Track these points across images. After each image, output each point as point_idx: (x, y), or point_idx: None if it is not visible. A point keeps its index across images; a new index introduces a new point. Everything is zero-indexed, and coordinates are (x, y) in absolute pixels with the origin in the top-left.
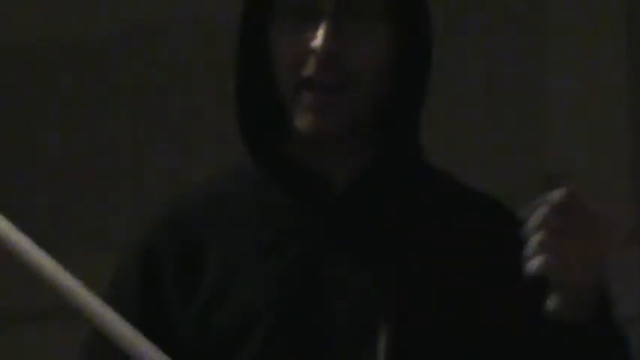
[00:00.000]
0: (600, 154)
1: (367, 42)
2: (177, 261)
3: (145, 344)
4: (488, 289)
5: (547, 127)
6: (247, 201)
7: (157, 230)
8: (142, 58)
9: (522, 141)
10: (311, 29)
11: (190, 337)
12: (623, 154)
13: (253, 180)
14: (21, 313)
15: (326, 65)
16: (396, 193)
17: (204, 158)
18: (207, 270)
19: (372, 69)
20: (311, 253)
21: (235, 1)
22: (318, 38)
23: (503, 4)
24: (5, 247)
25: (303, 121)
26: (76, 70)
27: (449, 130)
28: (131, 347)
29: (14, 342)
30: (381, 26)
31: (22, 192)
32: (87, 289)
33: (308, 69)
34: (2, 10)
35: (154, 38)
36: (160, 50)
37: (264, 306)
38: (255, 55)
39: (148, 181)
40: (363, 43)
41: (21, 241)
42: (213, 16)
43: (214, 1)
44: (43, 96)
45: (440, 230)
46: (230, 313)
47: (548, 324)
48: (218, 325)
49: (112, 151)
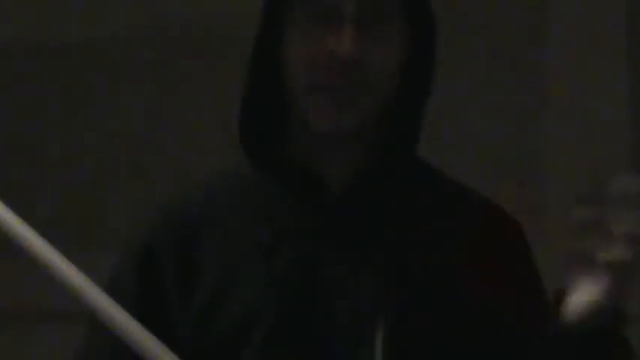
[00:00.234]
0: (600, 154)
1: (386, 46)
2: (177, 261)
3: (152, 340)
4: (487, 288)
5: (547, 127)
6: (247, 201)
7: (156, 230)
8: (142, 58)
9: (522, 141)
10: (331, 31)
11: (190, 337)
12: (623, 154)
13: (253, 180)
14: (21, 314)
15: (348, 69)
16: (395, 193)
17: (204, 158)
18: (207, 270)
19: (388, 72)
20: (311, 253)
21: (236, 1)
22: (342, 43)
23: (503, 5)
24: (15, 241)
25: (320, 121)
26: (76, 70)
27: (449, 129)
28: (137, 343)
29: (14, 342)
30: (396, 29)
31: (22, 192)
32: (96, 287)
33: (329, 71)
34: (2, 10)
35: (154, 38)
36: (160, 50)
37: (264, 306)
38: (269, 54)
39: (148, 180)
40: (382, 48)
41: (31, 238)
42: (214, 16)
43: (214, 1)
44: (42, 96)
45: (439, 230)
46: (230, 313)
47: (548, 324)
48: (218, 325)
49: (111, 151)
